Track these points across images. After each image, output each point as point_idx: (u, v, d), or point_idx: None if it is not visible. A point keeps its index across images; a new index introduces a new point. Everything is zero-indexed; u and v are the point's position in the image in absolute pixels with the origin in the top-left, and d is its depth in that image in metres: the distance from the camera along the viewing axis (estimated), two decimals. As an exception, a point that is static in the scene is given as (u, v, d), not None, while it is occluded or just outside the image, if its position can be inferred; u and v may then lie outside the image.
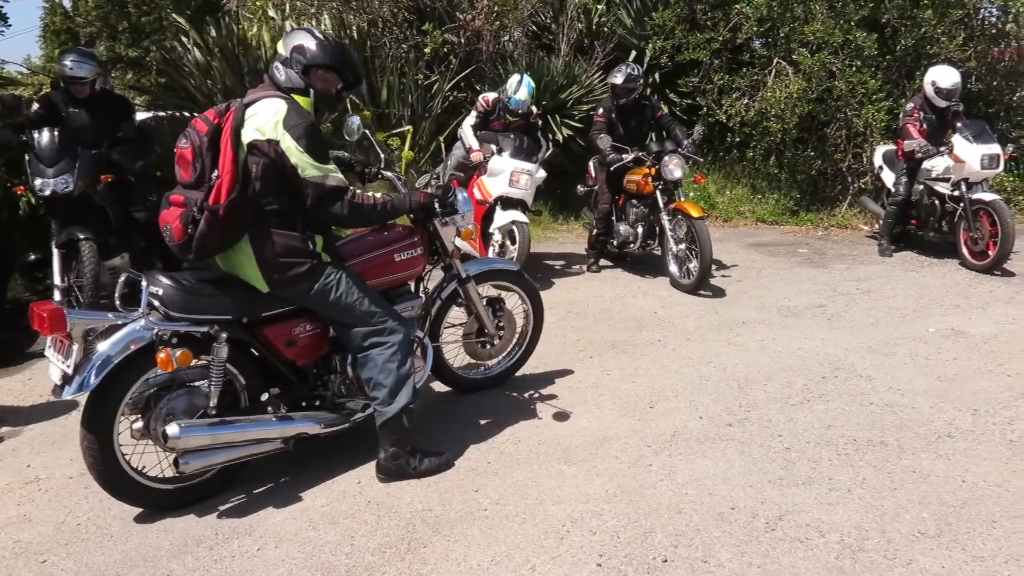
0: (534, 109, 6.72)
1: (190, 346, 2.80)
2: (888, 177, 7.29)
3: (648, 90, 8.41)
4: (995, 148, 6.42)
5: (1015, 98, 9.14)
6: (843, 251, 7.29)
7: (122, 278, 2.87)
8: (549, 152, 6.46)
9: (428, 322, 3.62)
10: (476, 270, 3.81)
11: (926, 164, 6.72)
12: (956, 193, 6.50)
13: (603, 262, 6.78)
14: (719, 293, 5.88)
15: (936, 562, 2.55)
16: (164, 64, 8.13)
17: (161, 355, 2.68)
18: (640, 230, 6.32)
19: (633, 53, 9.31)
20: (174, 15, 7.77)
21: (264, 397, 3.11)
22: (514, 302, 4.05)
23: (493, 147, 6.17)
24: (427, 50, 8.20)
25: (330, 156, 2.98)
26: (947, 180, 6.58)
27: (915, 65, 8.46)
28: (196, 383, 2.95)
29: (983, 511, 2.84)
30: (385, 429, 3.08)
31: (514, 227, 5.96)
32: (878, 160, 7.56)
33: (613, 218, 6.55)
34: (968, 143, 6.42)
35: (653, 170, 6.14)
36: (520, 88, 6.26)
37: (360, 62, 8.67)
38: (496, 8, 8.36)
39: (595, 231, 6.59)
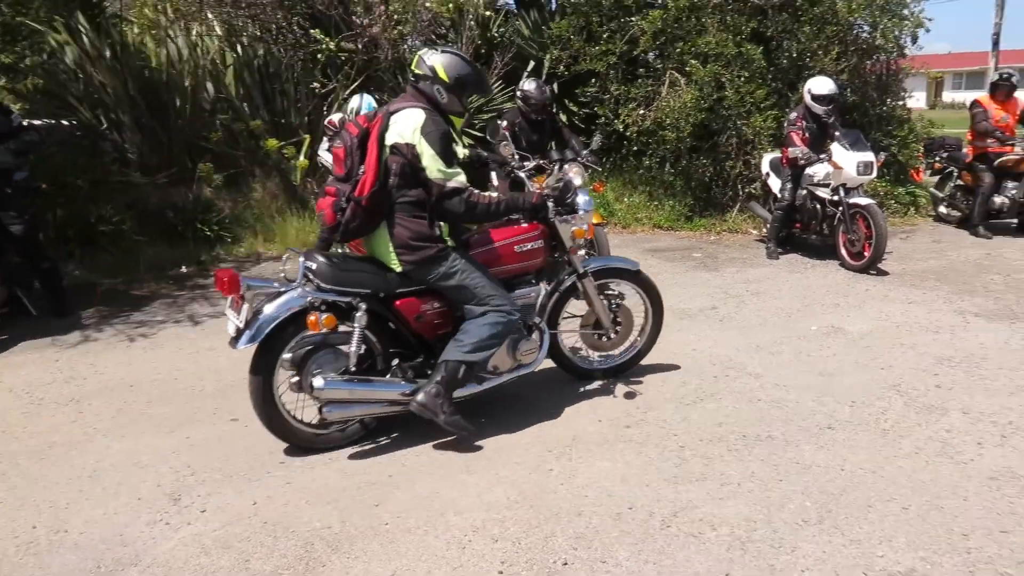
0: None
1: (336, 313, 3.29)
2: (774, 183, 7.67)
3: (546, 100, 8.54)
4: (869, 155, 6.86)
5: (885, 109, 9.79)
6: (734, 255, 7.62)
7: (287, 254, 3.57)
8: None
9: (546, 311, 3.90)
10: (596, 266, 4.10)
11: (808, 170, 7.11)
12: (835, 198, 6.90)
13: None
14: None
15: (818, 548, 2.69)
16: (40, 70, 7.66)
17: (311, 318, 3.23)
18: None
19: (532, 63, 9.46)
20: (55, 17, 7.32)
21: (395, 364, 3.53)
22: (635, 299, 4.27)
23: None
24: (321, 57, 8.06)
25: (456, 161, 3.39)
26: (827, 186, 6.99)
27: (797, 77, 8.93)
28: (341, 347, 3.38)
29: (860, 497, 3.02)
30: (444, 367, 3.41)
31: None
32: (765, 167, 7.95)
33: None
34: (845, 151, 6.84)
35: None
36: (360, 113, 6.27)
37: (252, 69, 8.47)
38: (395, 16, 8.31)
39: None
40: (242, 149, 8.14)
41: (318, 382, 3.28)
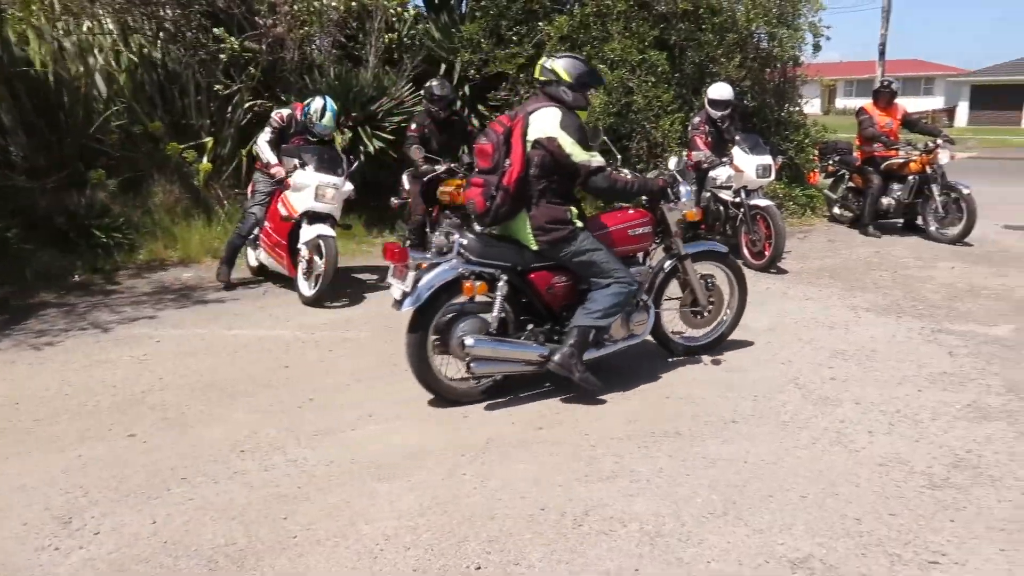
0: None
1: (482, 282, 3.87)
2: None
3: (459, 104, 8.54)
4: (768, 159, 7.16)
5: (783, 114, 10.24)
6: (644, 255, 7.78)
7: (437, 236, 4.08)
8: (357, 165, 6.37)
9: (653, 289, 4.41)
10: (693, 250, 4.59)
11: (711, 173, 7.35)
12: (737, 200, 7.17)
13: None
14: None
15: (723, 539, 2.78)
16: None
17: (467, 284, 3.80)
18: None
19: (443, 66, 9.42)
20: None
21: (529, 328, 4.06)
22: (722, 279, 4.76)
23: (295, 161, 6.00)
24: (223, 57, 7.79)
25: (592, 146, 3.94)
26: (729, 188, 7.24)
27: (701, 82, 9.22)
28: (480, 314, 3.92)
29: (761, 488, 3.13)
30: (576, 332, 3.95)
31: (321, 242, 5.82)
32: (671, 169, 8.14)
33: (427, 230, 6.56)
34: (745, 154, 7.12)
35: (465, 181, 6.23)
36: (325, 114, 6.15)
37: (148, 68, 8.12)
38: (300, 16, 8.11)
39: (409, 243, 6.57)
40: (141, 152, 7.78)
41: (469, 340, 3.81)
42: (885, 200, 8.54)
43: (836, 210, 9.44)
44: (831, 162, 9.35)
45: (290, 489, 3.15)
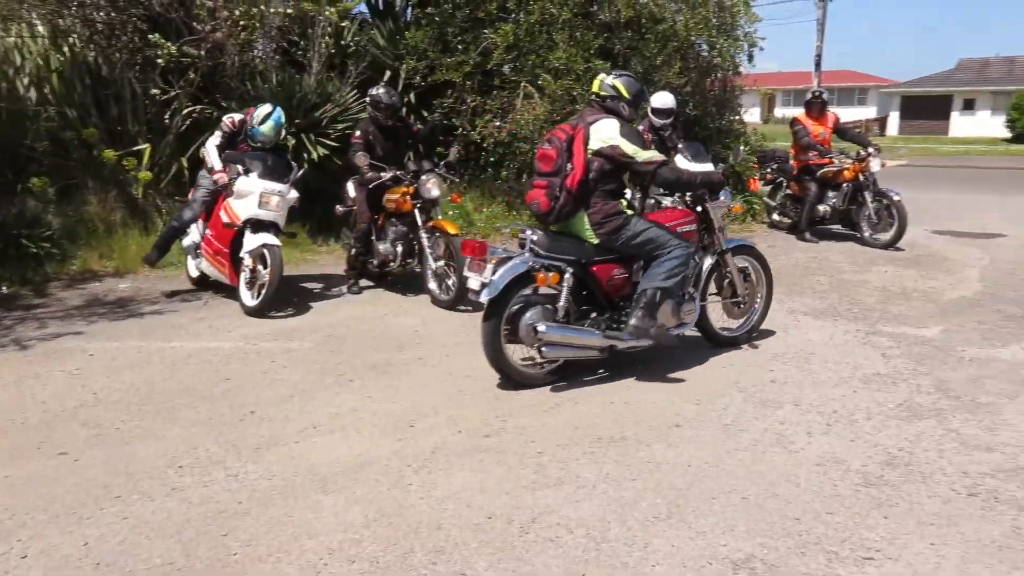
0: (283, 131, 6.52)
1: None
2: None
3: (404, 110, 8.50)
4: (709, 166, 7.28)
5: (723, 122, 10.48)
6: (590, 262, 7.86)
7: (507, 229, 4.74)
8: (301, 172, 6.28)
9: (699, 283, 4.76)
10: (730, 245, 5.00)
11: (656, 181, 7.45)
12: (680, 206, 7.28)
13: (364, 282, 6.71)
14: (478, 307, 6.02)
15: (668, 542, 2.81)
16: None
17: (541, 275, 4.19)
18: (400, 249, 6.34)
19: (388, 73, 9.37)
20: None
21: (593, 316, 4.44)
22: (753, 271, 5.16)
23: (239, 168, 5.89)
24: (160, 62, 7.60)
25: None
26: (671, 194, 7.35)
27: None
28: (544, 304, 4.28)
29: (704, 490, 3.18)
30: (644, 295, 4.33)
31: (265, 251, 5.72)
32: (616, 177, 8.26)
33: (373, 237, 6.51)
34: (687, 162, 7.20)
35: (411, 189, 6.21)
36: (266, 121, 6.05)
37: (82, 73, 7.87)
38: (241, 22, 7.97)
39: (354, 251, 6.51)
40: (73, 159, 7.53)
41: (542, 327, 4.17)
42: (821, 207, 8.81)
43: (775, 216, 9.70)
44: (769, 170, 9.62)
45: (230, 505, 3.07)
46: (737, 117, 10.97)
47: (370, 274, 6.73)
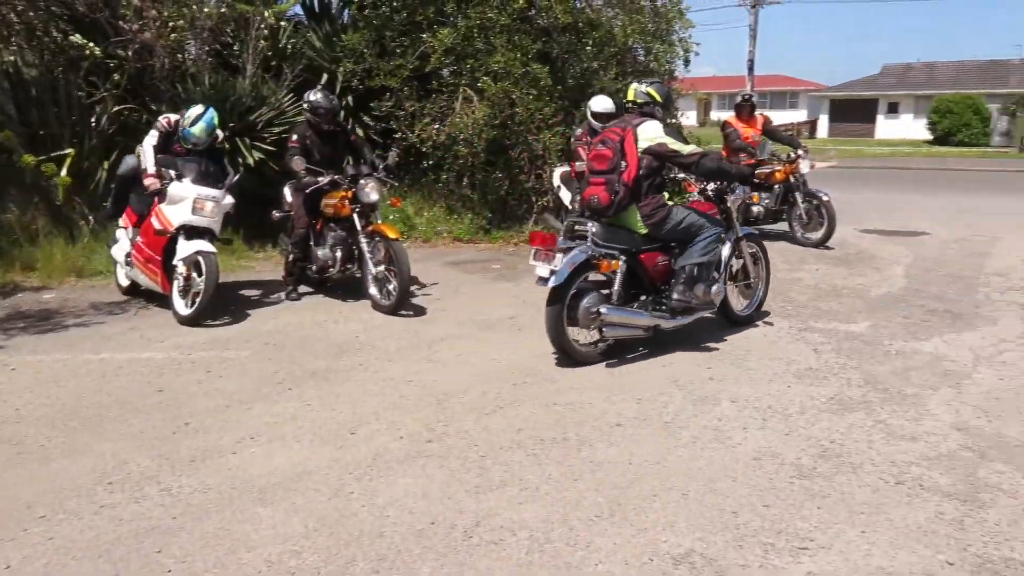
0: (220, 134, 6.36)
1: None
2: (565, 196, 8.07)
3: (342, 114, 8.40)
4: None
5: (660, 126, 10.64)
6: (531, 265, 7.88)
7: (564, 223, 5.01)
8: (237, 177, 6.14)
9: (723, 267, 5.26)
10: (744, 232, 5.61)
11: (594, 183, 7.54)
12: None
13: (303, 289, 6.59)
14: (419, 312, 6.02)
15: (610, 540, 2.84)
16: None
17: (605, 263, 4.70)
18: (339, 254, 6.26)
19: (325, 76, 9.25)
20: None
21: (642, 299, 5.01)
22: (757, 256, 5.76)
23: (172, 172, 5.72)
24: (85, 64, 7.34)
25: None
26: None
27: (582, 95, 9.45)
28: (600, 291, 4.78)
29: (646, 488, 3.23)
30: (683, 271, 4.89)
31: (200, 258, 5.57)
32: (556, 180, 8.34)
33: (311, 243, 6.41)
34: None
35: (350, 193, 6.14)
36: (197, 122, 5.89)
37: (1, 75, 7.55)
38: (170, 22, 7.75)
39: (292, 257, 6.39)
40: (-10, 165, 7.21)
41: (604, 309, 4.67)
42: (754, 208, 9.01)
43: None
44: None
45: (164, 520, 2.98)
46: (674, 120, 11.16)
47: (309, 280, 6.62)
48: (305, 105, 6.38)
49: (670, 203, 5.00)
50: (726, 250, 5.29)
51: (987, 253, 8.39)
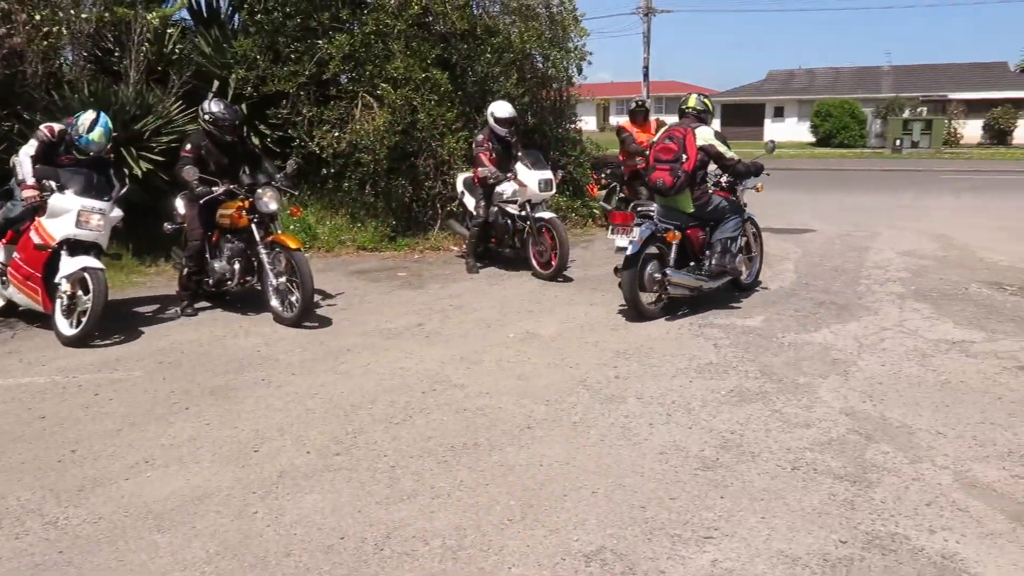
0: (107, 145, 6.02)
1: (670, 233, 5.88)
2: (469, 201, 8.07)
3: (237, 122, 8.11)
4: (548, 174, 7.53)
5: (561, 131, 10.83)
6: (437, 271, 7.86)
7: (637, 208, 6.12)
8: (125, 189, 5.83)
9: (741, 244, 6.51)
10: (747, 215, 6.66)
11: (497, 188, 7.58)
12: (523, 213, 7.45)
13: (200, 303, 6.33)
14: (324, 323, 5.89)
15: (523, 543, 2.84)
16: None
17: (671, 234, 5.80)
18: (237, 266, 6.04)
19: (216, 83, 8.93)
20: None
21: (691, 265, 6.16)
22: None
23: (53, 184, 5.38)
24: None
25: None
26: (515, 202, 7.52)
27: (483, 100, 9.51)
28: (659, 259, 5.85)
29: (556, 488, 3.25)
30: (719, 244, 6.11)
31: (86, 275, 5.25)
32: (460, 186, 8.34)
33: (207, 255, 6.16)
34: (528, 170, 7.43)
35: (247, 203, 5.93)
36: (94, 128, 5.56)
37: None
38: (43, 27, 7.29)
39: (187, 271, 6.12)
40: None
41: (669, 272, 5.80)
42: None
43: None
44: (604, 175, 10.05)
45: (49, 555, 2.78)
46: (573, 126, 11.37)
47: (206, 294, 6.36)
48: (207, 116, 6.07)
49: (710, 190, 6.23)
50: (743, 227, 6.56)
51: (867, 247, 8.94)
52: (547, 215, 7.39)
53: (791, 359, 4.93)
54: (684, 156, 5.86)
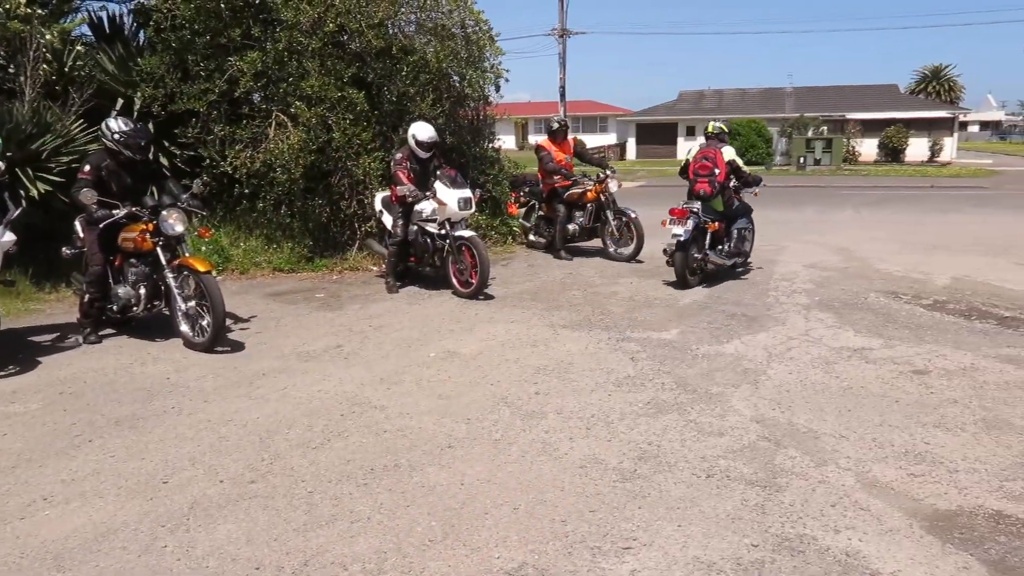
0: (1, 165, 5.70)
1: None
2: (387, 220, 8.01)
3: (145, 141, 7.82)
4: (467, 192, 7.55)
5: (479, 150, 10.89)
6: (356, 292, 7.76)
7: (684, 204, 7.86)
8: (19, 212, 5.52)
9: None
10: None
11: (417, 207, 7.56)
12: (443, 232, 7.45)
13: (104, 330, 6.05)
14: (238, 347, 5.72)
15: (444, 564, 2.82)
16: None
17: (711, 226, 7.73)
18: (143, 291, 5.81)
19: (120, 101, 8.61)
20: None
21: (718, 249, 8.12)
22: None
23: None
24: None
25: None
26: (435, 221, 7.51)
27: (399, 119, 9.47)
28: (694, 244, 7.72)
29: (478, 506, 3.25)
30: (735, 235, 8.17)
31: (-25, 302, 4.95)
32: (378, 205, 8.27)
33: (110, 280, 5.90)
34: (447, 188, 7.44)
35: (151, 226, 5.72)
36: None
37: None
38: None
39: (89, 297, 5.85)
40: None
41: (711, 254, 7.80)
42: (570, 226, 9.47)
43: (531, 237, 10.27)
44: (522, 193, 10.18)
45: (-66, 605, 2.60)
46: (492, 144, 11.46)
47: (111, 321, 6.09)
48: (115, 135, 5.81)
49: (733, 193, 8.23)
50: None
51: (775, 260, 9.32)
52: (467, 233, 7.41)
53: (705, 370, 5.08)
54: (716, 170, 7.78)
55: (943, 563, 2.79)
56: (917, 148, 35.03)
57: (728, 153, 7.94)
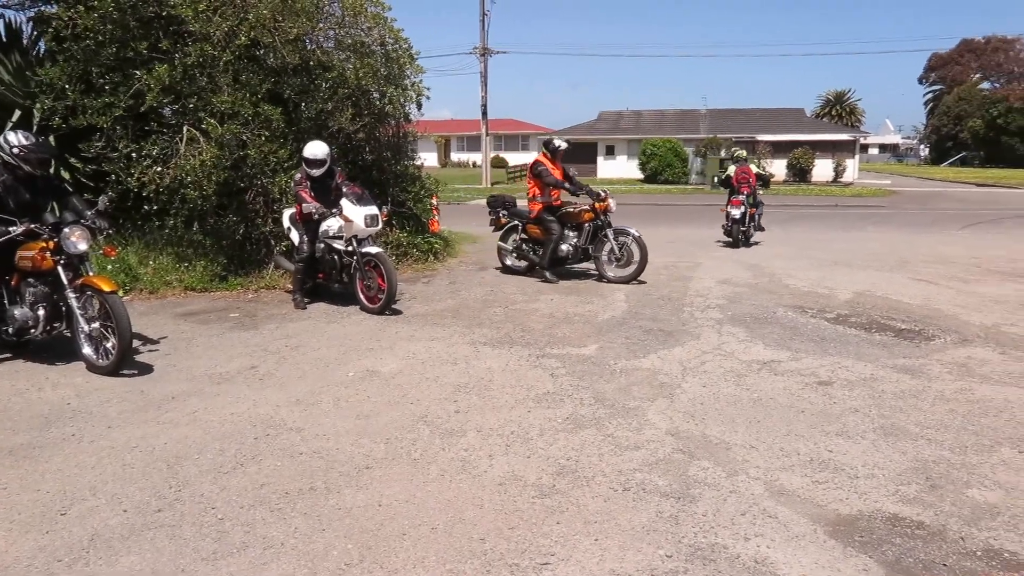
0: None
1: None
2: (295, 236, 7.89)
3: (46, 155, 7.45)
4: (374, 209, 7.50)
5: (400, 167, 10.84)
6: (273, 311, 7.57)
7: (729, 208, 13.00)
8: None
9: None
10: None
11: (324, 225, 7.46)
12: (350, 248, 7.38)
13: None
14: (145, 370, 5.49)
15: (361, 588, 2.77)
16: None
17: (751, 211, 13.32)
18: (42, 312, 5.52)
19: (17, 112, 8.20)
20: None
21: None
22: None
23: None
24: None
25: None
26: (342, 238, 7.43)
27: (318, 136, 9.32)
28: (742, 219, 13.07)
29: (396, 528, 3.21)
30: (757, 216, 14.06)
31: None
32: (286, 222, 8.14)
33: (5, 301, 5.58)
34: (353, 205, 7.38)
35: (52, 244, 5.45)
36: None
37: None
38: None
39: (-14, 318, 5.52)
40: None
41: (751, 231, 13.38)
42: (564, 246, 9.26)
43: (508, 262, 9.89)
44: (501, 215, 9.83)
45: None
46: (413, 162, 11.42)
47: (5, 344, 5.75)
48: (13, 149, 5.51)
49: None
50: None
51: (690, 277, 9.60)
52: (374, 250, 7.36)
53: (622, 385, 5.17)
54: (751, 179, 12.77)
55: (844, 566, 2.91)
56: (822, 169, 36.83)
57: (754, 168, 13.50)
